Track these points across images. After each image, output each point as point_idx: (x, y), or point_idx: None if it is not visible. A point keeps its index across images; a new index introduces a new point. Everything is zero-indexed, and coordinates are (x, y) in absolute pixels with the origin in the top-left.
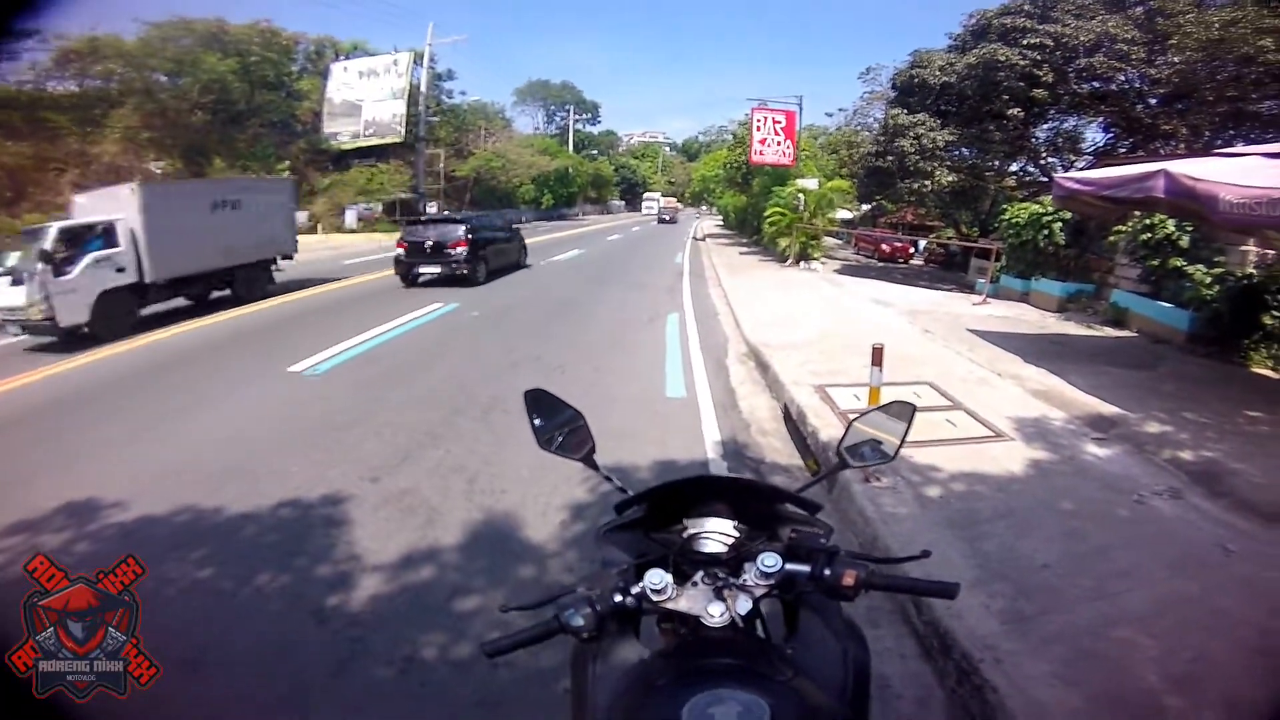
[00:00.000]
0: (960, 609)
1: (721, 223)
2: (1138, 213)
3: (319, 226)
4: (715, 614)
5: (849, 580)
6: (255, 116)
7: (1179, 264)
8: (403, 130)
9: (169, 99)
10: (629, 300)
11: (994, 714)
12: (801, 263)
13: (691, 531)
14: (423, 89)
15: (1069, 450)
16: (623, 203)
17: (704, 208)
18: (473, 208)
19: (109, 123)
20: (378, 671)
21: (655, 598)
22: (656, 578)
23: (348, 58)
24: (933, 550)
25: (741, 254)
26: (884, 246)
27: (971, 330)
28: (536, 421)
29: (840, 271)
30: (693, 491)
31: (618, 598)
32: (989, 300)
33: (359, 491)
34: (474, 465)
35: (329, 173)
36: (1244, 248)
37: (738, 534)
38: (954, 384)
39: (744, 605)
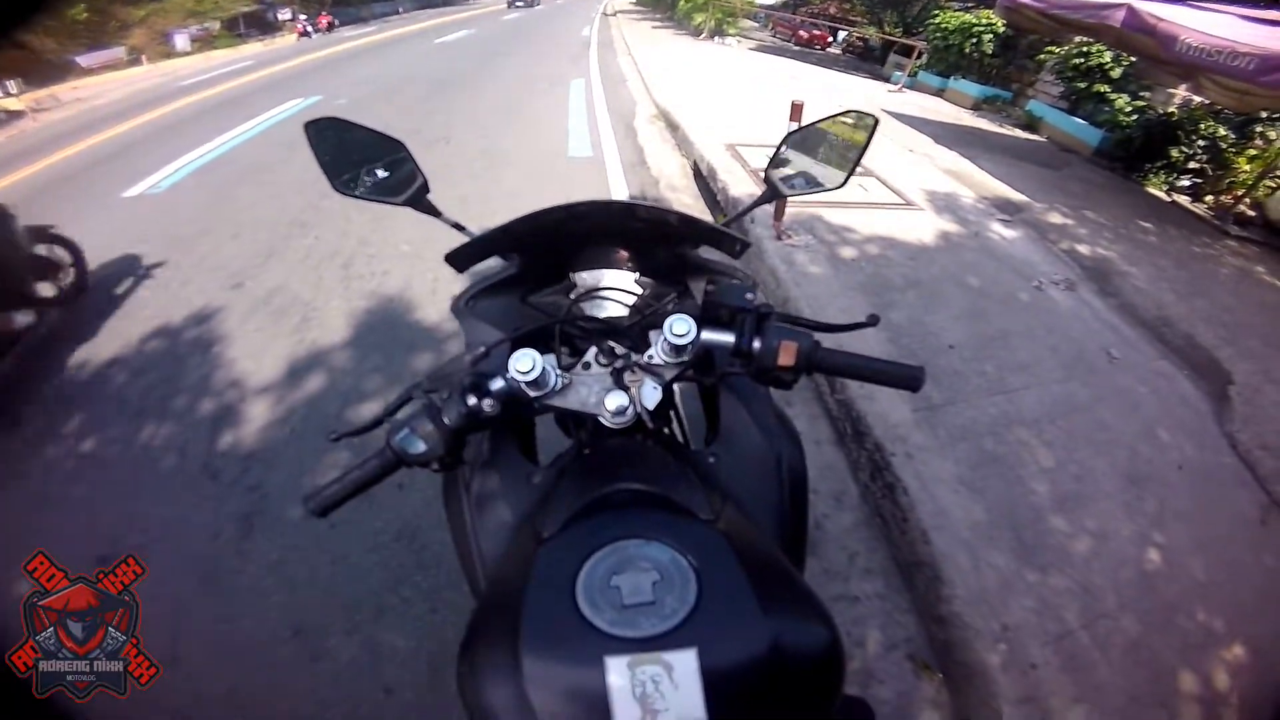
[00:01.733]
0: (871, 389)
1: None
2: (1077, 38)
3: (144, 58)
4: (614, 407)
5: (786, 356)
6: None
7: (1103, 90)
8: None
9: None
10: (527, 72)
11: (905, 517)
12: (716, 38)
13: (583, 290)
14: None
15: (976, 227)
16: None
17: None
18: (335, 7)
19: None
20: (287, 518)
21: (530, 391)
22: (525, 362)
23: None
24: (844, 315)
25: (654, 28)
26: (801, 32)
27: (887, 111)
28: (328, 159)
29: (756, 50)
30: (576, 228)
31: (471, 400)
32: (904, 90)
33: (224, 301)
34: (348, 248)
35: (140, 4)
36: (1172, 90)
37: (642, 290)
38: (870, 157)
39: (652, 395)
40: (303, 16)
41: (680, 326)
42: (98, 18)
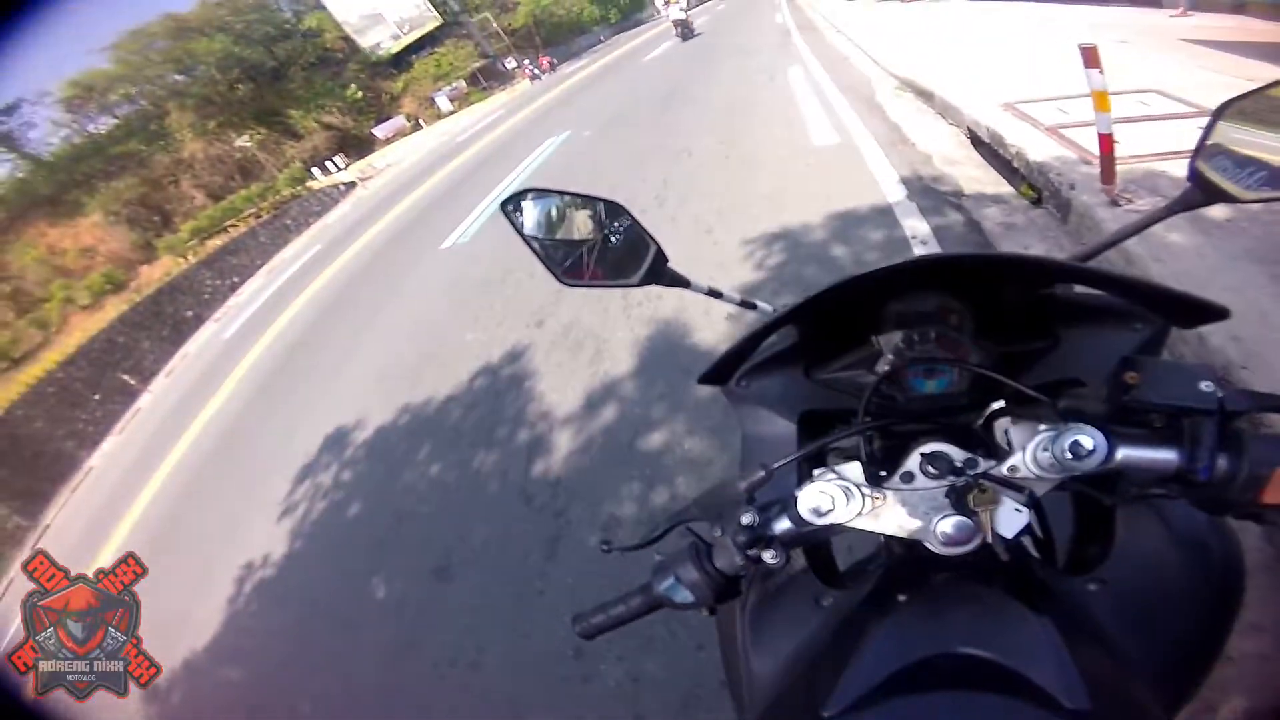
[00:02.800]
0: None
1: None
2: None
3: (420, 121)
4: (947, 535)
5: (1277, 492)
6: (291, 66)
7: None
8: (435, 13)
9: (202, 88)
10: (739, 68)
11: None
12: None
13: (892, 360)
14: None
15: None
16: None
17: None
18: (547, 48)
19: (172, 129)
20: (587, 543)
21: (823, 520)
22: (816, 499)
23: None
24: (1238, 300)
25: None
26: None
27: (1185, 39)
28: (540, 243)
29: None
30: (883, 286)
31: (750, 552)
32: (1190, 13)
33: (530, 339)
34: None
35: (396, 77)
36: None
37: (984, 354)
38: (1193, 92)
39: (1013, 519)
40: (526, 62)
41: (1085, 442)
42: (371, 94)
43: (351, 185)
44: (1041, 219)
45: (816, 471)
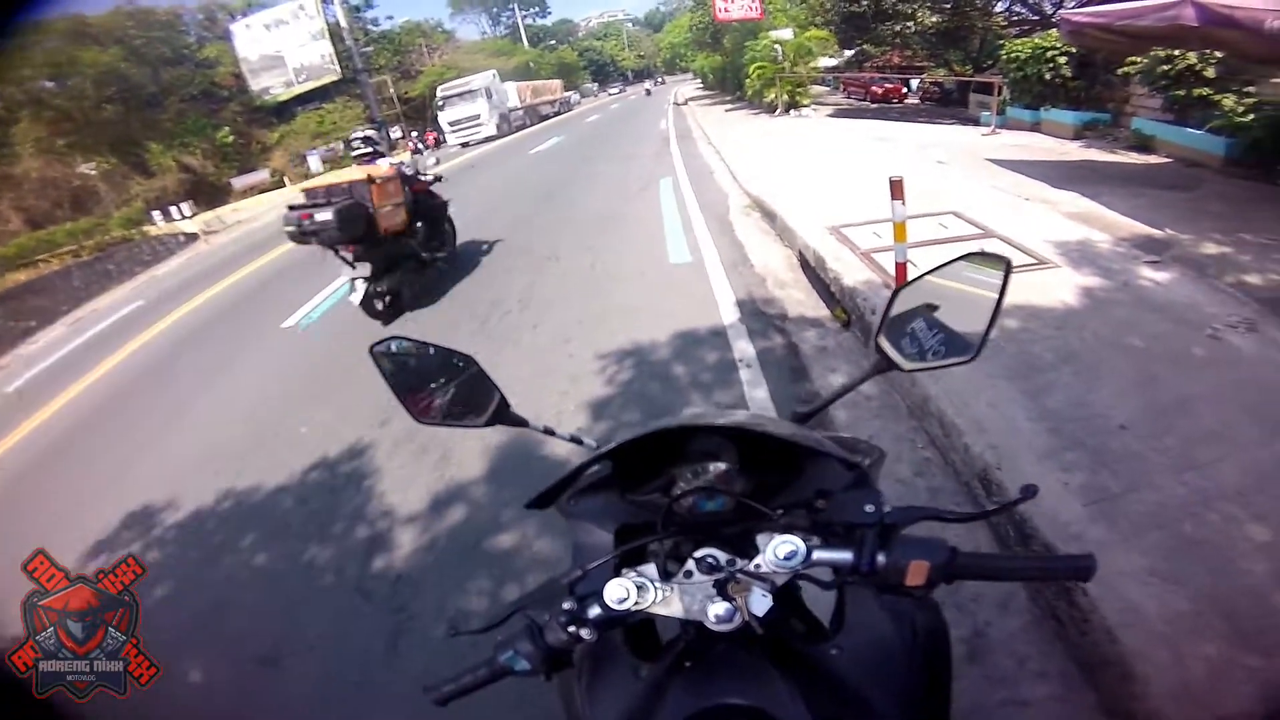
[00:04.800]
0: (1037, 486)
1: (700, 85)
2: (1156, 48)
3: (284, 178)
4: (718, 615)
5: (916, 576)
6: (170, 95)
7: (1206, 93)
8: (338, 67)
9: (66, 102)
10: (617, 174)
11: (1085, 619)
12: (792, 111)
13: (683, 491)
14: (343, 23)
15: (1123, 276)
16: (595, 85)
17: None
18: (437, 123)
19: (14, 141)
20: (431, 636)
21: (622, 607)
22: (618, 592)
23: (244, 15)
24: (991, 409)
25: (727, 111)
26: (875, 88)
27: (989, 159)
28: (399, 383)
29: (834, 116)
30: (674, 437)
31: (572, 629)
32: (998, 131)
33: (372, 438)
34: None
35: (275, 127)
36: (1275, 80)
37: (747, 483)
38: (982, 212)
39: (760, 603)
40: (413, 134)
41: (783, 548)
42: (243, 141)
43: (193, 237)
44: (849, 341)
45: (624, 570)
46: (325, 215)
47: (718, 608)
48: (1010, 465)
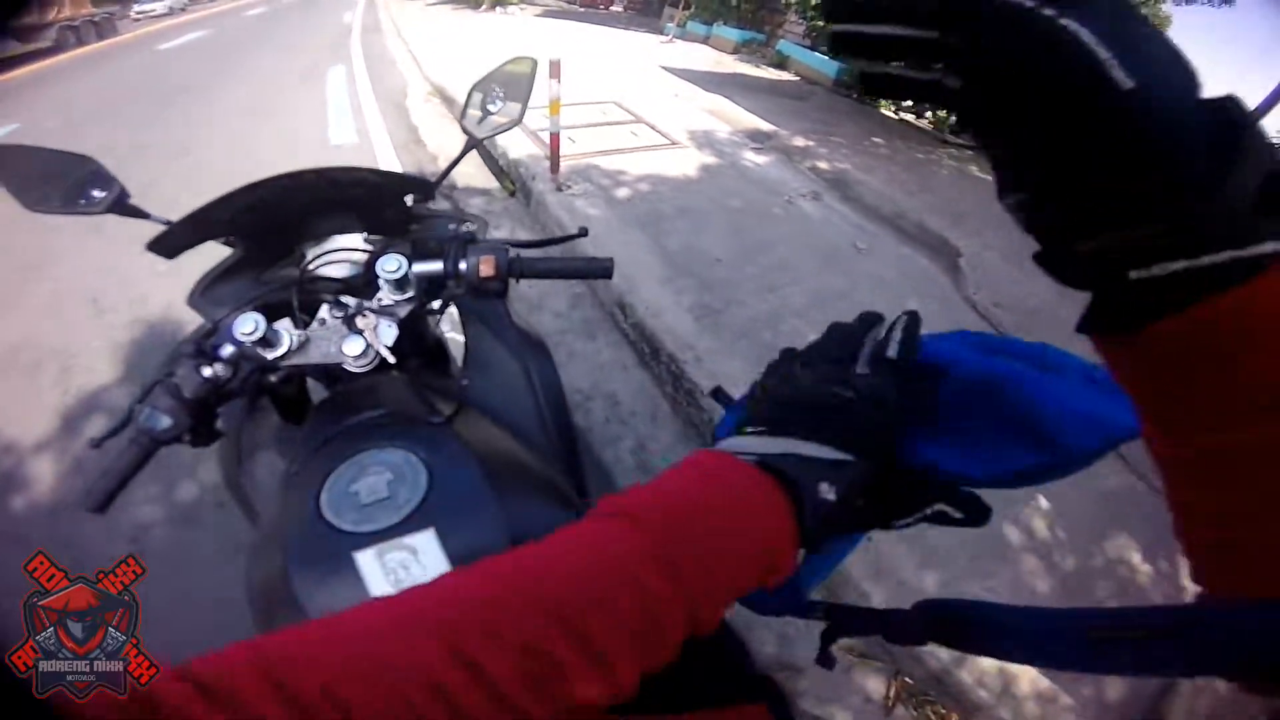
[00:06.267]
0: (659, 308)
1: None
2: None
3: None
4: (353, 352)
5: (487, 269)
6: None
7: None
8: None
9: None
10: (275, 70)
11: (710, 419)
12: (497, 8)
13: (313, 257)
14: None
15: (733, 157)
16: None
17: None
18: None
19: None
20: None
21: (266, 352)
22: (246, 324)
23: None
24: (625, 249)
25: (428, 5)
26: None
27: (660, 65)
28: (16, 185)
29: (541, 16)
30: (294, 202)
31: (206, 370)
32: (675, 41)
33: None
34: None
35: None
36: None
37: (371, 249)
38: (639, 104)
39: (388, 333)
40: None
41: (390, 264)
42: None
43: None
44: (514, 206)
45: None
46: None
47: (352, 344)
48: (637, 291)
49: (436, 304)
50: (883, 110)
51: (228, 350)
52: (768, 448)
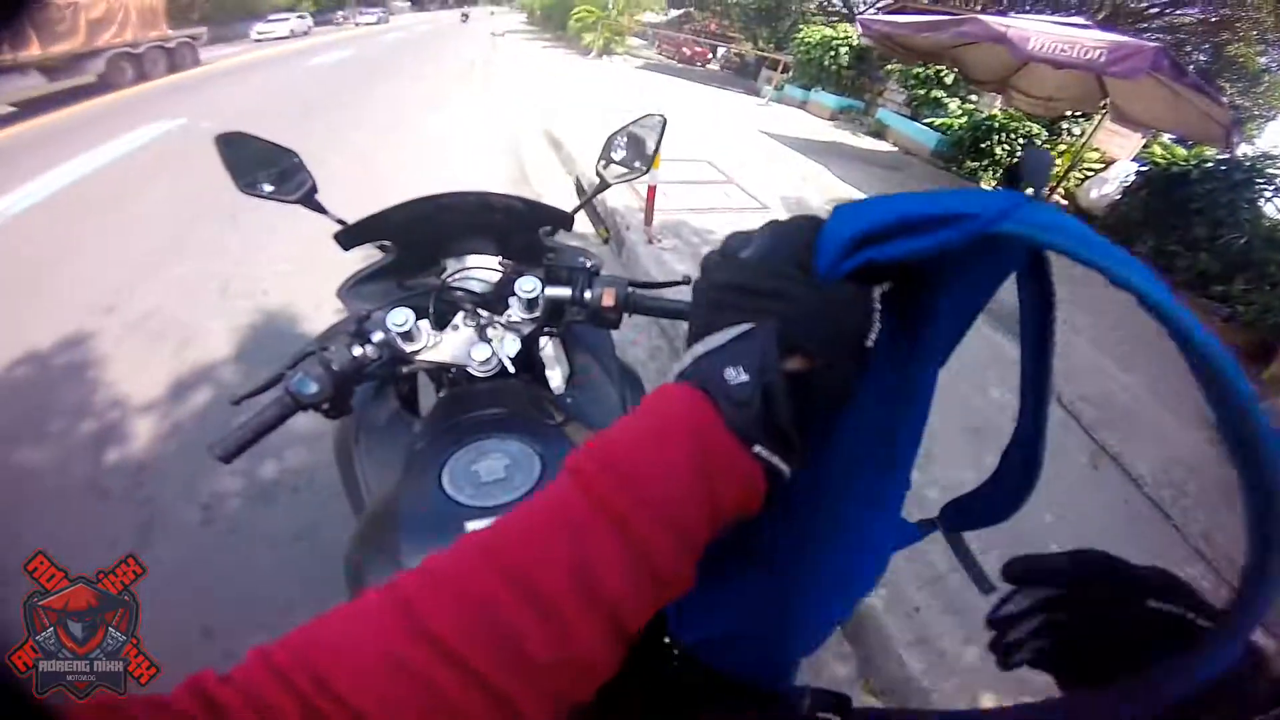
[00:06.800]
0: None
1: (525, 19)
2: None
3: None
4: (479, 358)
5: (609, 299)
6: None
7: (939, 95)
8: None
9: None
10: (405, 92)
11: None
12: (604, 57)
13: (452, 271)
14: None
15: None
16: (408, 1)
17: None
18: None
19: None
20: (188, 522)
21: (406, 345)
22: (399, 316)
23: None
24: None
25: (544, 48)
26: (685, 50)
27: (754, 128)
28: (234, 165)
29: (642, 68)
30: (447, 220)
31: (356, 350)
32: (771, 104)
33: (95, 327)
34: (226, 270)
35: None
36: (992, 95)
37: (503, 270)
38: (731, 165)
39: (512, 345)
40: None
41: (528, 284)
42: None
43: None
44: (606, 253)
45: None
46: None
47: (480, 350)
48: None
49: (555, 327)
50: (982, 184)
51: (378, 336)
52: (686, 359)
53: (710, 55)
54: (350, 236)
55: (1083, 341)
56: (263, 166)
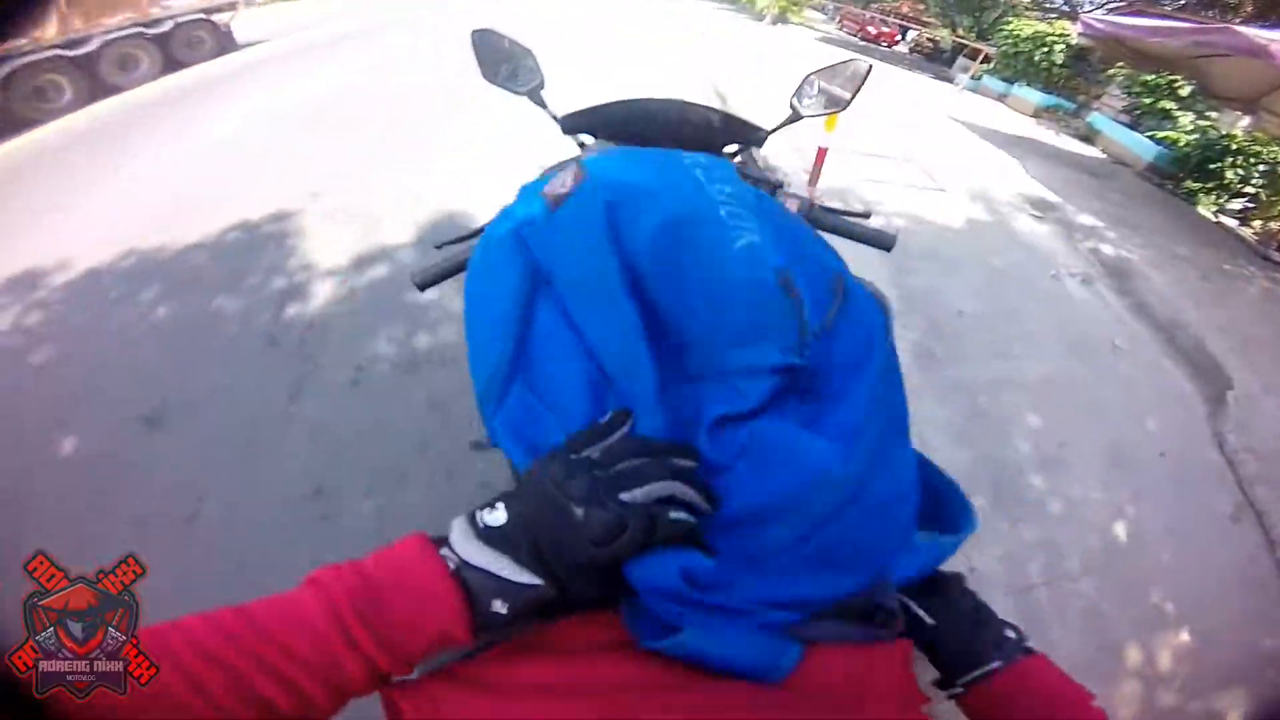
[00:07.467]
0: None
1: None
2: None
3: None
4: None
5: (793, 207)
6: None
7: (1169, 106)
8: None
9: None
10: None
11: None
12: (779, 25)
13: None
14: None
15: (1004, 218)
16: None
17: None
18: None
19: None
20: (336, 381)
21: None
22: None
23: None
24: (860, 272)
25: (716, 8)
26: (869, 28)
27: (945, 113)
28: (482, 58)
29: (820, 40)
30: (644, 117)
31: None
32: (965, 92)
33: (300, 206)
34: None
35: None
36: (1236, 113)
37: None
38: (912, 144)
39: None
40: None
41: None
42: None
43: None
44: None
45: None
46: None
47: None
48: None
49: None
50: (1199, 208)
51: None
52: (473, 556)
53: (899, 37)
54: (569, 123)
55: (1272, 404)
56: (504, 61)
